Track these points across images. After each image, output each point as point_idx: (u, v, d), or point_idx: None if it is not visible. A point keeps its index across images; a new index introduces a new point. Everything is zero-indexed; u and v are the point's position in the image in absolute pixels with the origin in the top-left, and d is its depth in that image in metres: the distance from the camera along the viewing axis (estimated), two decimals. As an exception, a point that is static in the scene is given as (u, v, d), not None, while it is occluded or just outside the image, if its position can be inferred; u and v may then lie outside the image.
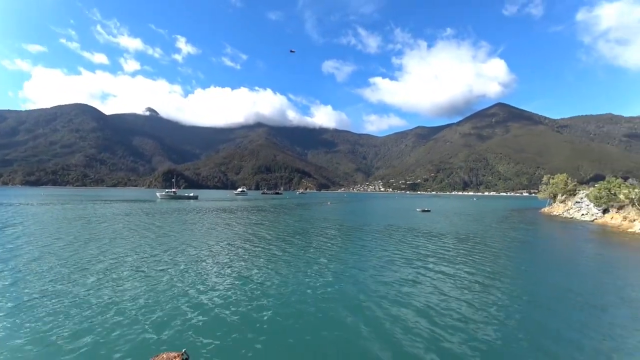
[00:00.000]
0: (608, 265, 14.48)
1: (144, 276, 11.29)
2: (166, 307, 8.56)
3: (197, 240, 19.05)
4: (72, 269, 11.98)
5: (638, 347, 6.76)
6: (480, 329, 7.51)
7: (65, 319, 7.69)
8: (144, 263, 13.14)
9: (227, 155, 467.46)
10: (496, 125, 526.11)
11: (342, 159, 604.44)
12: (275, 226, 27.22)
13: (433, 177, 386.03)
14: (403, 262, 14.23)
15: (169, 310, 8.39)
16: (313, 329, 7.51)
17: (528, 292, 10.28)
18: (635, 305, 9.23)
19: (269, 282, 10.96)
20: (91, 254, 14.52)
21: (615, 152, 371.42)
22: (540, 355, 6.36)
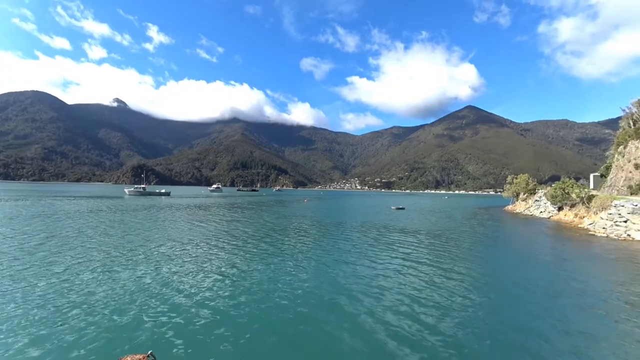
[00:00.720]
0: (561, 258, 15.83)
1: (110, 276, 10.77)
2: (134, 308, 8.14)
3: (169, 238, 18.44)
4: (31, 269, 11.19)
5: (586, 329, 7.52)
6: (451, 317, 7.98)
7: (25, 321, 7.18)
8: (111, 262, 12.54)
9: (201, 150, 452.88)
10: (466, 127, 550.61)
11: (319, 157, 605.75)
12: (252, 223, 26.94)
13: (407, 175, 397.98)
14: (379, 258, 14.69)
15: (138, 310, 8.01)
16: (291, 325, 7.58)
17: (494, 282, 11.05)
18: (583, 292, 10.22)
19: (244, 280, 10.90)
20: (52, 253, 13.59)
21: (569, 154, 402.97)
22: (504, 339, 6.91)
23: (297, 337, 6.96)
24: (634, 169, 31.81)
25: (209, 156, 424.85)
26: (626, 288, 10.73)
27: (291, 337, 6.94)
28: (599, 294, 10.10)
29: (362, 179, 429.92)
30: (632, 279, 11.89)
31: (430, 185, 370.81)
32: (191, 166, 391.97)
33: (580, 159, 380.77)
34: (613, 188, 34.98)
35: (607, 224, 23.45)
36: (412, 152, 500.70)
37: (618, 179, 34.48)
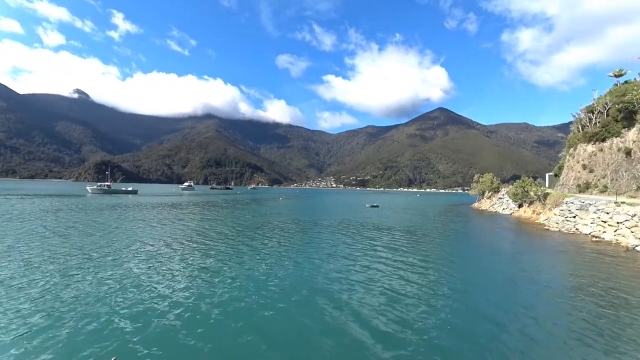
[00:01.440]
0: (520, 251, 17.20)
1: (69, 280, 10.20)
2: (99, 313, 7.72)
3: (137, 238, 17.65)
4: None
5: (540, 311, 8.28)
6: (424, 305, 8.48)
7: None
8: (71, 265, 11.82)
9: (172, 147, 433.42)
10: (437, 128, 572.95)
11: (295, 155, 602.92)
12: (226, 222, 26.43)
13: (381, 174, 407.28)
14: (354, 254, 15.06)
15: (102, 315, 7.58)
16: (268, 322, 7.67)
17: (463, 273, 11.81)
18: (537, 280, 11.20)
19: (218, 279, 10.75)
20: (3, 256, 12.61)
21: (528, 155, 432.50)
22: (472, 324, 7.44)
23: (275, 334, 7.06)
24: (582, 169, 34.93)
25: (180, 153, 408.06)
26: (572, 275, 11.89)
27: (268, 335, 7.02)
28: (550, 281, 11.12)
29: (337, 177, 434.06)
30: (577, 267, 13.16)
31: (403, 184, 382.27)
32: (161, 163, 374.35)
33: (538, 159, 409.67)
34: (565, 186, 38.16)
35: (559, 220, 25.60)
36: (386, 151, 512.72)
37: (569, 178, 37.66)
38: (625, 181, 28.46)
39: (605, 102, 33.84)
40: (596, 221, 21.57)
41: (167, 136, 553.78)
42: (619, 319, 7.96)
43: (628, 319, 7.93)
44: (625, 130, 29.61)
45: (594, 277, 11.59)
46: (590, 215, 22.65)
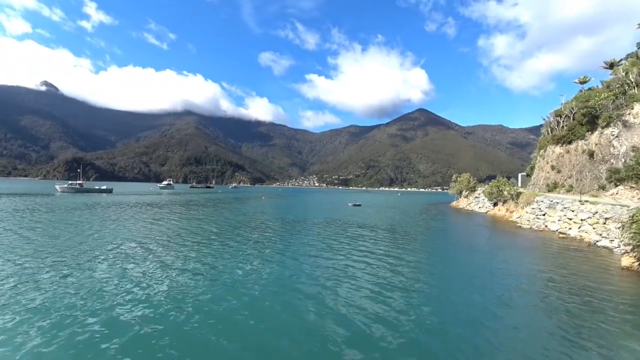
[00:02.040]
0: (494, 247, 18.07)
1: (37, 285, 9.75)
2: (71, 318, 7.43)
3: (112, 240, 16.97)
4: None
5: (515, 304, 8.79)
6: (405, 298, 8.78)
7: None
8: (34, 269, 11.29)
9: (150, 144, 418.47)
10: (418, 129, 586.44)
11: (277, 153, 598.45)
12: (206, 221, 25.94)
13: (364, 173, 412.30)
14: (338, 251, 15.25)
15: (76, 321, 7.27)
16: (249, 321, 7.68)
17: (442, 267, 12.30)
18: (510, 274, 11.84)
19: (198, 281, 10.57)
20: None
21: (503, 156, 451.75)
22: (450, 318, 7.79)
23: (257, 332, 7.09)
24: (551, 169, 37.01)
25: (158, 150, 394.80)
26: (540, 269, 12.66)
27: (251, 333, 7.04)
28: (521, 274, 11.80)
29: (320, 176, 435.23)
30: (545, 261, 14.02)
31: (384, 183, 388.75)
32: (138, 161, 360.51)
33: (512, 160, 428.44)
34: (536, 186, 40.28)
35: (530, 217, 27.02)
36: (368, 150, 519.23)
37: (539, 178, 39.79)
38: (588, 181, 30.44)
39: (571, 107, 36.00)
40: (563, 219, 22.95)
41: (145, 133, 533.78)
42: (581, 306, 8.59)
43: (589, 306, 8.57)
44: (589, 133, 31.64)
45: (559, 271, 12.39)
46: (557, 213, 24.06)
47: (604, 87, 34.92)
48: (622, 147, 27.27)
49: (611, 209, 19.39)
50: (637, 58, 32.68)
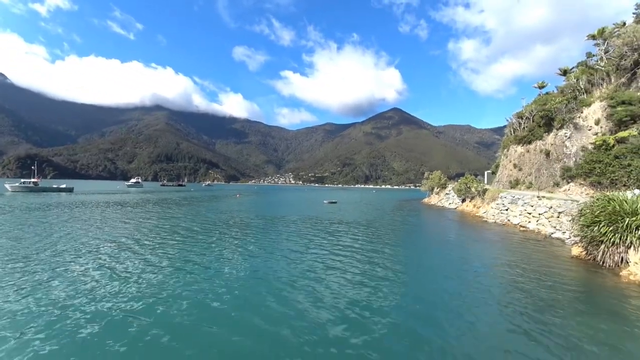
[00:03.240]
0: (463, 239, 19.16)
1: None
2: (29, 332, 7.17)
3: (72, 242, 16.06)
4: None
5: (483, 289, 9.46)
6: (379, 291, 9.15)
7: None
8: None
9: (116, 140, 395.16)
10: (392, 127, 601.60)
11: (253, 151, 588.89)
12: (176, 220, 25.13)
13: (339, 171, 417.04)
14: (311, 247, 15.45)
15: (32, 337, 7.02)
16: (225, 319, 7.69)
17: (416, 258, 12.87)
18: (476, 264, 12.69)
19: (171, 282, 10.38)
20: None
21: (471, 155, 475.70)
22: (425, 299, 8.25)
23: (233, 330, 7.11)
24: (513, 167, 39.66)
25: (125, 147, 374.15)
26: (503, 259, 13.66)
27: (240, 324, 7.07)
28: (486, 264, 12.68)
29: (296, 173, 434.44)
30: (507, 253, 15.12)
31: (360, 180, 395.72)
32: (103, 158, 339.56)
33: (479, 158, 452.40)
34: (500, 183, 42.94)
35: (495, 212, 28.83)
36: (344, 148, 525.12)
37: (503, 176, 42.46)
38: (545, 178, 32.98)
39: (531, 110, 38.71)
40: (523, 213, 24.76)
41: (110, 128, 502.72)
42: (536, 290, 9.45)
43: (542, 290, 9.44)
44: (546, 134, 34.24)
45: (519, 260, 13.45)
46: (518, 208, 25.91)
47: (559, 92, 37.88)
48: (573, 148, 29.81)
49: (563, 203, 21.22)
50: (586, 67, 35.75)
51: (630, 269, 10.88)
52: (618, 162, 23.57)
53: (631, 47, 26.94)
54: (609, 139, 25.10)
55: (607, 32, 32.78)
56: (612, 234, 11.65)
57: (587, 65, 35.94)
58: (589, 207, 13.19)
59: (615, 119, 25.84)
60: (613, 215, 11.81)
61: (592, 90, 31.62)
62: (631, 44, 26.80)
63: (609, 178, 23.96)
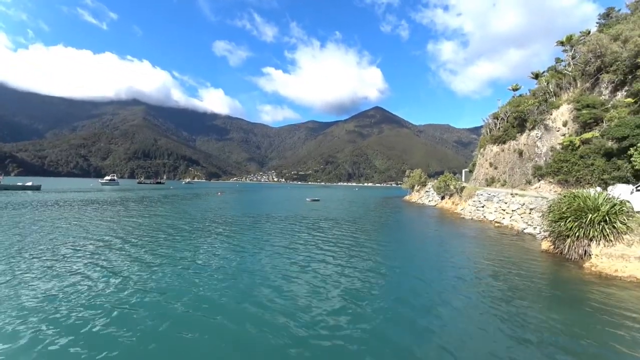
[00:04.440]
0: (441, 235, 19.88)
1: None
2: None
3: (32, 243, 15.38)
4: None
5: (459, 280, 9.93)
6: (361, 285, 9.41)
7: None
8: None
9: (89, 135, 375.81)
10: (374, 126, 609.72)
11: (234, 148, 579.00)
12: (152, 219, 24.45)
13: (322, 169, 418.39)
14: (294, 244, 15.56)
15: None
16: (203, 323, 7.69)
17: (397, 253, 13.26)
18: (454, 259, 13.26)
19: (143, 279, 10.20)
20: None
21: (450, 153, 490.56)
22: (403, 298, 8.57)
23: (211, 329, 7.13)
24: (489, 166, 41.40)
25: (99, 142, 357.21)
26: (478, 254, 14.36)
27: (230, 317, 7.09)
28: (462, 258, 13.28)
29: (279, 171, 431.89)
30: (482, 247, 15.89)
31: (342, 178, 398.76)
32: (74, 154, 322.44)
33: (457, 157, 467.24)
34: (477, 181, 44.70)
35: (472, 209, 30.03)
36: (326, 146, 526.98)
37: (480, 174, 44.23)
38: (518, 176, 34.69)
39: (506, 111, 40.51)
40: (498, 210, 25.97)
41: (82, 122, 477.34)
42: (508, 281, 10.04)
43: (513, 281, 10.05)
44: (519, 135, 35.97)
45: (493, 254, 14.17)
46: (494, 205, 27.13)
47: (531, 95, 39.84)
48: (543, 147, 31.52)
49: (535, 200, 22.46)
50: (555, 71, 37.83)
51: (592, 261, 11.75)
52: (583, 162, 25.19)
53: (595, 54, 28.76)
54: (575, 139, 26.75)
55: (574, 40, 34.79)
56: (577, 228, 12.52)
57: (556, 70, 38.01)
58: (557, 203, 14.08)
59: (581, 121, 27.56)
60: (578, 211, 12.69)
61: (561, 94, 33.51)
62: (595, 51, 28.60)
63: (574, 176, 25.56)
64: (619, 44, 26.53)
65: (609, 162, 23.28)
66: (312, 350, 6.11)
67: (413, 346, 6.30)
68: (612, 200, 12.42)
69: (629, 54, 25.11)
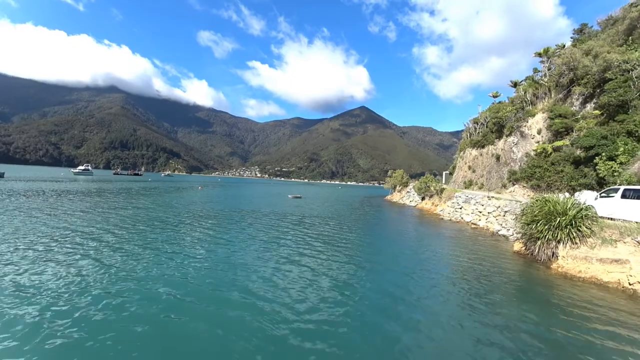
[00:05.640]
0: (421, 235, 20.49)
1: None
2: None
3: (13, 232, 14.58)
4: None
5: (435, 278, 10.30)
6: (342, 282, 9.57)
7: None
8: None
9: (61, 121, 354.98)
10: (359, 125, 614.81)
11: (217, 141, 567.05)
12: (125, 213, 23.66)
13: (306, 166, 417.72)
14: (273, 241, 15.56)
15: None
16: (180, 323, 7.62)
17: (377, 251, 13.54)
18: (433, 256, 13.73)
19: (120, 282, 9.94)
20: None
21: (431, 155, 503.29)
22: (383, 286, 8.81)
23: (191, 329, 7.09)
24: (468, 169, 42.87)
25: (72, 130, 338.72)
26: (454, 253, 14.93)
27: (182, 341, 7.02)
28: (439, 258, 13.78)
29: (262, 167, 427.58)
30: (459, 247, 16.52)
31: (326, 176, 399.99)
32: (44, 141, 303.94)
33: (438, 159, 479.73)
34: (456, 183, 46.20)
35: (450, 210, 31.05)
36: (311, 143, 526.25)
37: (459, 176, 45.72)
38: (494, 180, 36.17)
39: (486, 116, 42.04)
40: (475, 212, 27.00)
41: (54, 108, 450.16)
42: (481, 281, 10.54)
43: (487, 281, 10.57)
44: (497, 140, 37.47)
45: (468, 254, 14.78)
46: (471, 207, 28.18)
47: (510, 102, 41.56)
48: (519, 153, 33.01)
49: (509, 203, 23.53)
50: (532, 81, 39.64)
51: (559, 262, 12.52)
52: (554, 168, 26.63)
53: (568, 67, 30.37)
54: (547, 147, 28.21)
55: (550, 52, 36.55)
56: (547, 231, 13.28)
57: (533, 80, 39.80)
58: (529, 207, 14.85)
59: (553, 130, 29.09)
60: (548, 215, 13.44)
61: (537, 103, 35.17)
62: (568, 64, 30.20)
63: (546, 182, 26.99)
64: (590, 58, 28.14)
65: (577, 170, 24.75)
66: (297, 332, 6.46)
67: (391, 332, 6.55)
68: (579, 206, 13.24)
69: (598, 68, 26.70)
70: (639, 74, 23.41)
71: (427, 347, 6.40)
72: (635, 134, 21.32)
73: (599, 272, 11.11)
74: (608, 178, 20.79)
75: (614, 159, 21.06)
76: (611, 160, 21.21)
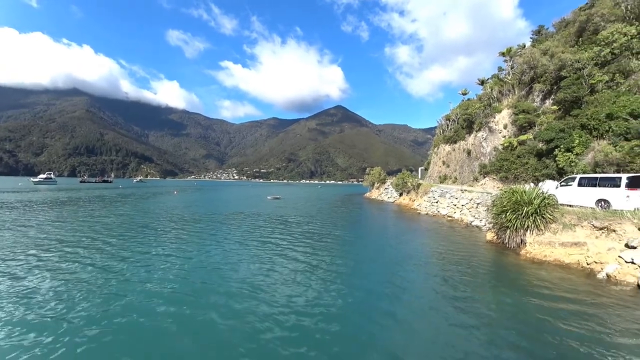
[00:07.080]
0: (399, 229, 21.18)
1: None
2: None
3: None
4: None
5: (414, 268, 10.76)
6: (327, 280, 9.76)
7: None
8: None
9: (16, 126, 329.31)
10: (335, 124, 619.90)
11: (192, 144, 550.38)
12: (95, 223, 22.61)
13: (285, 166, 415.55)
14: (255, 245, 15.51)
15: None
16: (154, 329, 7.52)
17: (359, 251, 13.87)
18: (411, 248, 14.28)
19: (91, 287, 9.61)
20: None
21: (407, 152, 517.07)
22: (367, 291, 9.09)
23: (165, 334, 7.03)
24: (442, 164, 44.64)
25: (30, 136, 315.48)
26: (431, 244, 15.62)
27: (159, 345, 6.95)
28: (417, 249, 14.37)
29: (239, 169, 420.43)
30: (435, 239, 17.28)
31: (305, 176, 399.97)
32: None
33: (414, 156, 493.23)
34: (431, 178, 47.95)
35: (427, 205, 32.23)
36: (289, 144, 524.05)
37: (434, 172, 47.48)
38: (467, 174, 37.95)
39: (456, 113, 43.97)
40: (450, 205, 28.22)
41: (7, 112, 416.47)
42: (456, 268, 11.16)
43: (461, 268, 11.20)
44: (468, 135, 39.31)
45: (444, 244, 15.53)
46: (446, 200, 29.42)
47: (478, 99, 43.73)
48: (488, 147, 34.86)
49: (481, 196, 24.84)
50: (497, 79, 42.00)
51: (527, 249, 13.46)
52: (519, 161, 28.42)
53: (529, 66, 32.48)
54: (513, 141, 30.03)
55: (512, 51, 38.87)
56: (515, 220, 14.22)
57: (498, 78, 42.15)
58: (499, 198, 15.80)
59: (518, 125, 31.01)
60: (516, 205, 14.39)
61: (502, 99, 37.29)
62: (529, 63, 32.30)
63: (513, 174, 28.74)
64: (547, 58, 30.28)
65: (539, 161, 26.57)
66: (282, 327, 6.46)
67: (370, 321, 6.85)
68: (543, 195, 14.29)
69: (555, 67, 28.80)
70: (589, 72, 25.52)
71: (409, 333, 6.77)
72: (588, 127, 23.26)
73: (562, 255, 12.09)
74: (566, 168, 22.54)
75: (571, 151, 22.87)
76: (568, 152, 23.01)
